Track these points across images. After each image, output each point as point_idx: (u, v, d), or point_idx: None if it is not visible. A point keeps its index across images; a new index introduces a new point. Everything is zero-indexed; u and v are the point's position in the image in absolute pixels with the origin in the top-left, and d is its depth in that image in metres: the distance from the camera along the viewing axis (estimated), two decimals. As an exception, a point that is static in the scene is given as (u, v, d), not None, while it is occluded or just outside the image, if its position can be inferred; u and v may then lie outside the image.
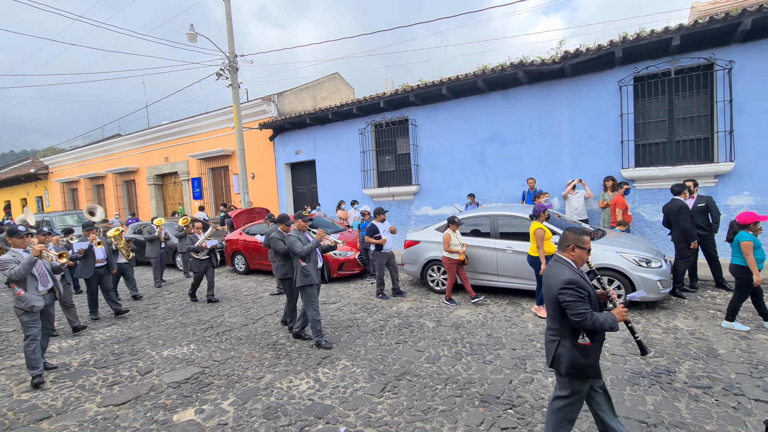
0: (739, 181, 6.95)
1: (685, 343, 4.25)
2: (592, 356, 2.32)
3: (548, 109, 8.54)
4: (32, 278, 4.24)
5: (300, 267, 4.70)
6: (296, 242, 4.72)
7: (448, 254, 6.07)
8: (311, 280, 4.72)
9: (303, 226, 4.94)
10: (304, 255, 4.65)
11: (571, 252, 2.45)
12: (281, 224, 5.32)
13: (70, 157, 21.49)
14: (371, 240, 6.56)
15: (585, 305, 2.24)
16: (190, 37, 11.16)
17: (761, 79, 6.65)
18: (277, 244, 5.18)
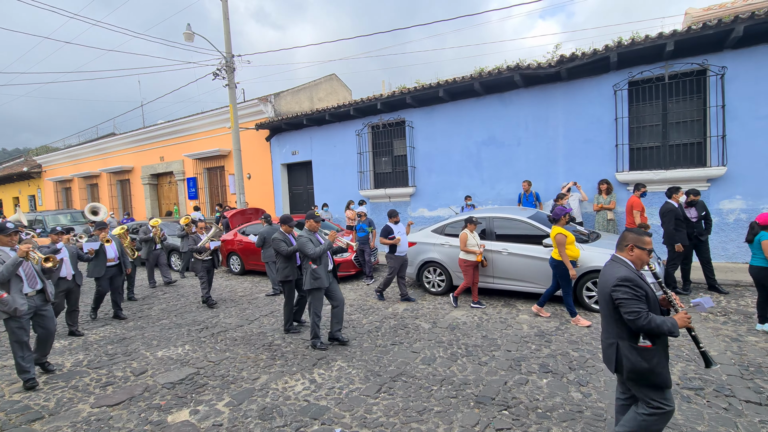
0: (731, 185, 7.04)
1: (677, 345, 4.29)
2: (654, 360, 2.15)
3: (544, 112, 8.61)
4: (17, 280, 3.95)
5: (310, 269, 4.56)
6: (308, 243, 4.56)
7: (464, 255, 5.92)
8: (321, 283, 4.58)
9: (315, 227, 4.76)
10: (316, 257, 4.50)
11: (629, 252, 2.35)
12: (284, 225, 5.24)
13: (64, 155, 21.31)
14: (385, 241, 6.32)
15: (640, 304, 2.12)
16: (186, 36, 11.13)
17: (753, 84, 6.75)
18: (280, 245, 5.09)
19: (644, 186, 6.92)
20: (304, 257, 5.05)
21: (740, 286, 6.07)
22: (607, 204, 7.64)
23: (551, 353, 4.26)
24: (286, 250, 5.08)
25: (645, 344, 2.16)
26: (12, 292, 3.89)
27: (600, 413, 3.12)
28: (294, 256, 5.24)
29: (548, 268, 5.69)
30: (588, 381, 3.63)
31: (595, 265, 5.36)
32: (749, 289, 5.96)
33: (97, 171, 19.34)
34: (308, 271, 4.59)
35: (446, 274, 6.67)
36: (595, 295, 5.47)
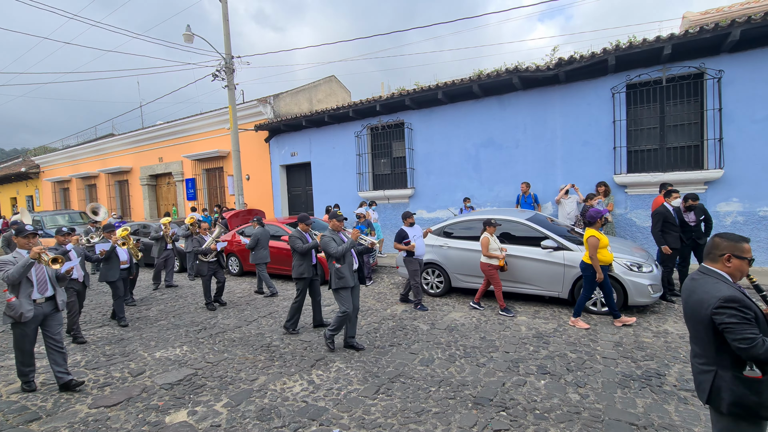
0: (728, 187, 7.07)
1: (675, 346, 4.31)
2: (766, 393, 1.79)
3: (542, 114, 8.64)
4: (27, 284, 3.76)
5: (334, 269, 4.53)
6: (331, 243, 4.53)
7: (486, 259, 5.70)
8: (346, 282, 4.53)
9: (338, 226, 4.72)
10: (340, 256, 4.48)
11: (725, 263, 1.95)
12: (301, 223, 5.26)
13: (62, 156, 21.26)
14: (401, 247, 6.08)
15: (752, 328, 1.75)
16: (186, 37, 11.14)
17: (749, 88, 6.80)
18: (296, 243, 5.10)
19: (671, 185, 6.44)
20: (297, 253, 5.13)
21: (737, 288, 6.09)
22: (604, 206, 7.66)
23: (549, 355, 4.27)
24: (301, 247, 5.07)
25: (755, 375, 1.80)
26: (20, 296, 3.71)
27: (597, 414, 3.13)
28: (309, 254, 5.22)
29: (546, 269, 5.72)
30: (586, 382, 3.64)
31: (593, 267, 5.36)
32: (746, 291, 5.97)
33: (95, 172, 19.30)
34: (332, 271, 4.54)
35: (444, 275, 6.68)
36: (594, 298, 5.48)
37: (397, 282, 7.96)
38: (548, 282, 5.76)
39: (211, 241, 6.70)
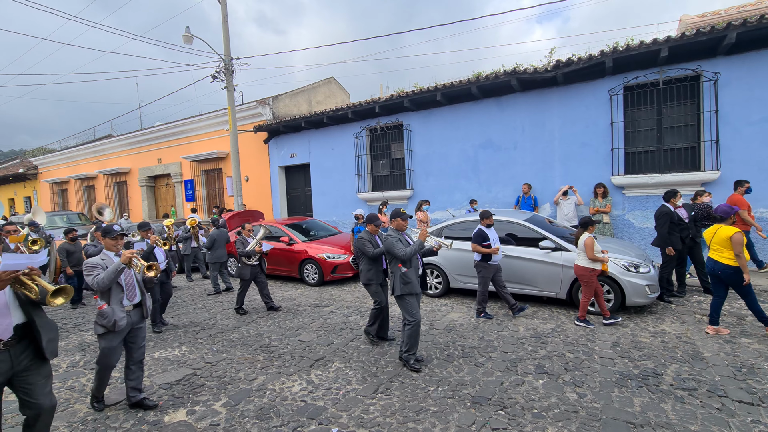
0: (724, 189, 7.10)
1: (672, 346, 4.33)
2: None
3: (540, 116, 8.69)
4: (118, 289, 3.39)
5: (400, 273, 4.09)
6: (397, 244, 4.09)
7: (587, 263, 4.98)
8: (412, 288, 4.11)
9: (402, 225, 4.32)
10: (407, 258, 4.07)
11: None
12: (370, 224, 4.83)
13: (61, 157, 21.24)
14: (479, 249, 5.40)
15: None
16: (185, 39, 11.17)
17: (745, 90, 6.85)
18: (366, 247, 4.66)
19: (747, 182, 6.22)
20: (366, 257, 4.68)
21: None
22: (603, 207, 7.71)
23: (547, 354, 4.29)
24: (372, 252, 4.64)
25: None
26: (112, 302, 3.33)
27: (595, 413, 3.15)
28: (380, 259, 4.76)
29: (544, 270, 5.74)
30: (583, 382, 3.66)
31: (590, 268, 5.39)
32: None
33: (93, 173, 19.29)
34: (397, 275, 4.11)
35: (443, 276, 6.70)
36: (590, 298, 5.50)
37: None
38: (546, 282, 5.79)
39: (255, 243, 6.32)
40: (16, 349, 2.39)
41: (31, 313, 2.42)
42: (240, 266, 6.39)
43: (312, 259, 8.12)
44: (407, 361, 4.11)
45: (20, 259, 2.12)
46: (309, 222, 9.83)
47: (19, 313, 2.40)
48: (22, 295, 2.38)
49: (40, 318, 2.47)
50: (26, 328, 2.42)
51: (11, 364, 2.37)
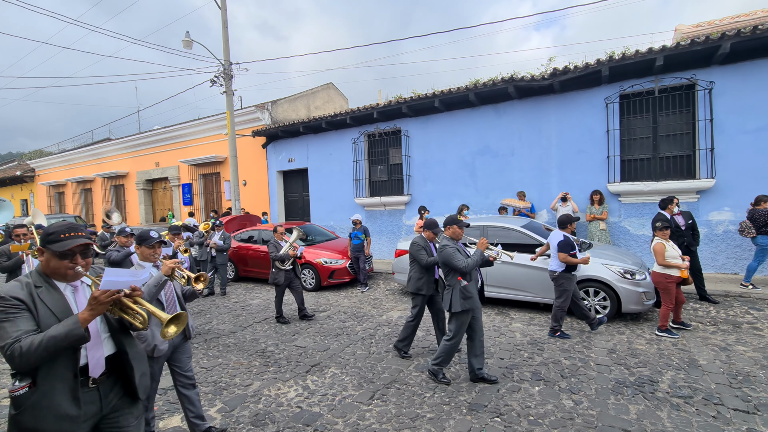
0: (719, 197, 7.17)
1: (667, 354, 4.34)
2: None
3: (537, 123, 8.75)
4: (158, 307, 2.81)
5: (459, 287, 3.75)
6: (456, 255, 3.76)
7: (662, 269, 4.75)
8: (473, 303, 3.78)
9: (459, 234, 3.98)
10: (469, 270, 3.75)
11: None
12: (427, 231, 4.50)
13: (58, 160, 21.20)
14: (569, 259, 4.81)
15: None
16: (185, 43, 11.22)
17: (739, 99, 6.93)
18: (420, 254, 4.38)
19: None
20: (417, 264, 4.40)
21: (729, 296, 6.16)
22: (599, 214, 7.74)
23: (543, 361, 4.29)
24: (426, 261, 4.35)
25: None
26: (151, 324, 2.70)
27: (591, 420, 3.15)
28: (432, 268, 4.47)
29: (541, 276, 5.74)
30: (579, 389, 3.66)
31: (587, 274, 5.42)
32: (738, 299, 6.05)
33: (91, 176, 19.24)
34: (456, 289, 3.76)
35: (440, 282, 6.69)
36: (587, 304, 5.52)
37: (393, 288, 7.97)
38: (543, 289, 5.80)
39: (289, 246, 6.00)
40: (105, 386, 1.89)
41: (123, 342, 1.94)
42: (274, 271, 6.03)
43: (309, 263, 8.11)
44: (436, 374, 3.88)
45: (123, 276, 1.70)
46: (306, 227, 9.83)
47: (110, 343, 1.90)
48: (114, 321, 1.91)
49: (132, 348, 1.98)
50: (115, 360, 1.93)
51: (100, 405, 1.86)
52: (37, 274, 1.78)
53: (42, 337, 1.56)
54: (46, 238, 1.77)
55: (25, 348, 1.53)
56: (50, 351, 1.56)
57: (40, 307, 1.69)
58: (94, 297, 1.65)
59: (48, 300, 1.73)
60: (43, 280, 1.77)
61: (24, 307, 1.65)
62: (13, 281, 1.72)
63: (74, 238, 1.79)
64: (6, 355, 1.54)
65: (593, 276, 5.41)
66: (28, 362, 1.55)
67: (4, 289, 1.65)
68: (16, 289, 1.67)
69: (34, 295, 1.70)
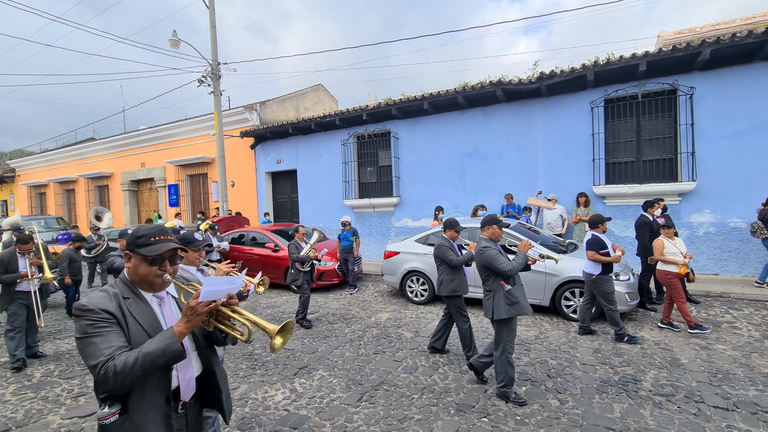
0: (700, 199, 7.36)
1: (650, 353, 4.43)
2: None
3: (525, 126, 8.86)
4: None
5: (503, 291, 3.51)
6: (499, 257, 3.51)
7: (661, 266, 4.98)
8: (520, 309, 3.49)
9: (500, 234, 3.73)
10: (514, 274, 3.50)
11: None
12: (449, 230, 4.45)
13: (40, 160, 20.69)
14: (599, 258, 4.73)
15: None
16: (172, 43, 11.08)
17: (719, 105, 7.13)
18: (447, 254, 4.31)
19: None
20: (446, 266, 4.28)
21: (710, 296, 6.31)
22: (585, 216, 7.86)
23: (530, 361, 4.34)
24: (455, 261, 4.29)
25: None
26: None
27: (576, 419, 3.19)
28: (462, 267, 4.44)
29: (528, 277, 5.80)
30: (565, 388, 3.71)
31: (572, 275, 5.50)
32: (718, 299, 6.20)
33: (74, 176, 18.82)
34: (499, 294, 3.52)
35: (429, 283, 6.73)
36: (572, 305, 5.61)
37: (382, 290, 7.97)
38: (530, 290, 5.84)
39: (309, 248, 5.84)
40: (193, 411, 1.71)
41: (211, 360, 1.75)
42: (293, 272, 5.87)
43: (298, 265, 8.05)
44: (507, 397, 3.51)
45: (222, 284, 1.51)
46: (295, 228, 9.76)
47: (197, 362, 1.71)
48: (200, 336, 1.72)
49: (218, 367, 1.80)
50: (202, 381, 1.74)
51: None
52: (122, 284, 1.60)
53: (136, 354, 1.38)
54: (135, 241, 1.59)
55: (119, 366, 1.35)
56: (146, 370, 1.38)
57: (129, 320, 1.51)
58: (190, 307, 1.46)
59: (137, 312, 1.55)
60: (130, 290, 1.59)
61: (114, 320, 1.47)
62: (100, 291, 1.54)
63: (164, 242, 1.60)
64: (99, 375, 1.35)
65: (578, 277, 5.48)
66: (123, 383, 1.37)
67: (93, 301, 1.48)
68: (105, 301, 1.50)
69: (123, 307, 1.52)
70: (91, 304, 1.45)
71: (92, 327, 1.42)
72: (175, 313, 1.68)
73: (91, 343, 1.40)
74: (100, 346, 1.39)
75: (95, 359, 1.37)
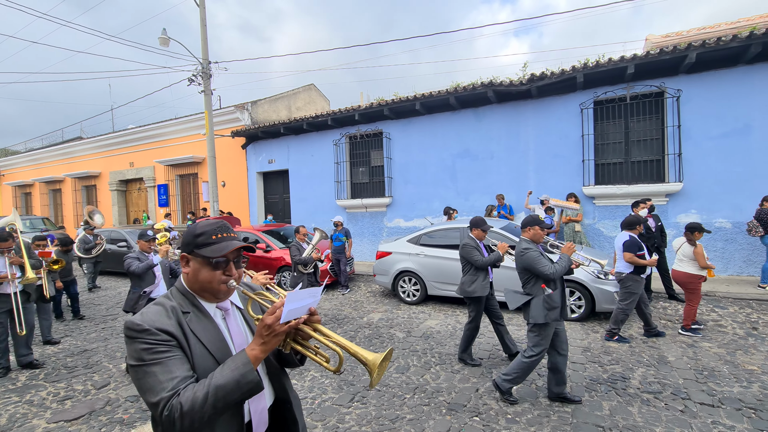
0: (687, 200, 7.49)
1: (638, 351, 4.49)
2: None
3: (516, 127, 8.94)
4: None
5: (544, 295, 3.35)
6: (541, 259, 3.38)
7: (695, 270, 4.75)
8: (557, 314, 3.35)
9: (541, 236, 3.59)
10: (556, 278, 3.37)
11: None
12: (476, 229, 4.34)
13: (25, 159, 20.28)
14: (635, 260, 4.66)
15: None
16: (162, 41, 10.94)
17: (705, 107, 7.27)
18: (473, 255, 4.20)
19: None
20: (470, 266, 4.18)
21: (696, 295, 6.42)
22: (574, 216, 7.96)
23: (521, 360, 4.36)
24: (480, 261, 4.16)
25: None
26: None
27: (566, 417, 3.23)
28: (487, 269, 4.30)
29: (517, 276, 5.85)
30: (555, 387, 3.74)
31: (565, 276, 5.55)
32: (704, 298, 6.31)
33: (60, 176, 18.48)
34: (540, 298, 3.36)
35: (421, 283, 6.75)
36: (563, 304, 5.66)
37: (374, 290, 7.96)
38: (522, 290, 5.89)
39: (311, 249, 5.71)
40: None
41: (285, 387, 1.47)
42: (296, 275, 5.70)
43: (289, 266, 8.01)
44: (502, 390, 3.47)
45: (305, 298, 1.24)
46: (287, 229, 9.72)
47: (270, 389, 1.43)
48: (273, 359, 1.45)
49: (293, 393, 1.51)
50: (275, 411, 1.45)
51: None
52: (180, 294, 1.32)
53: (206, 387, 1.10)
54: (194, 241, 1.31)
55: (186, 406, 1.08)
56: (218, 408, 1.11)
57: (192, 341, 1.22)
58: (267, 325, 1.18)
59: (199, 330, 1.25)
60: (190, 303, 1.30)
61: (174, 342, 1.18)
62: (154, 305, 1.26)
63: (228, 239, 1.34)
64: (162, 417, 1.08)
65: (568, 277, 5.54)
66: (192, 426, 1.09)
67: (147, 318, 1.19)
68: (162, 318, 1.21)
69: (183, 324, 1.23)
70: (146, 322, 1.18)
71: (149, 352, 1.14)
72: (242, 328, 1.39)
73: (148, 374, 1.12)
74: (161, 378, 1.11)
75: (155, 395, 1.09)
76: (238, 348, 1.31)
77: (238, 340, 1.34)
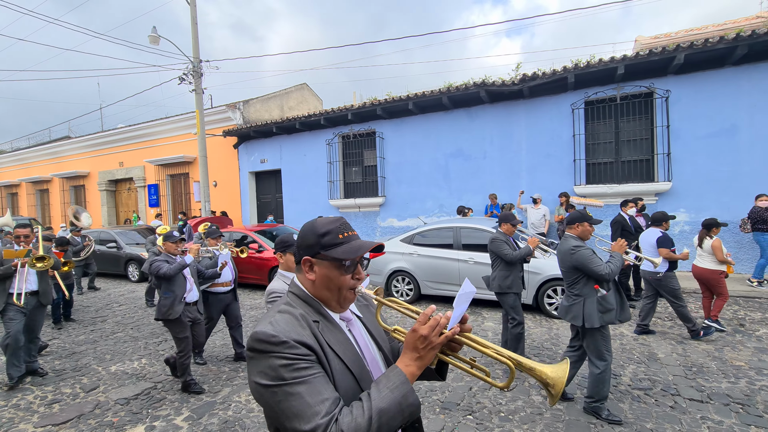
0: (676, 199, 7.60)
1: (629, 348, 4.55)
2: None
3: (508, 127, 8.99)
4: None
5: (597, 297, 3.13)
6: (595, 258, 3.14)
7: (714, 265, 4.81)
8: (612, 317, 3.12)
9: (590, 232, 3.34)
10: (611, 278, 3.12)
11: None
12: (505, 224, 4.26)
13: (11, 158, 19.92)
14: (672, 255, 4.64)
15: None
16: (152, 39, 10.81)
17: (693, 107, 7.38)
18: (503, 248, 4.12)
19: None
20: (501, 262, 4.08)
21: (685, 292, 6.50)
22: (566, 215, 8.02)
23: (514, 359, 4.38)
24: (510, 256, 4.06)
25: None
26: None
27: (558, 415, 3.25)
28: (519, 264, 4.22)
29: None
30: (548, 384, 3.76)
31: (555, 274, 5.60)
32: (692, 295, 6.41)
33: (48, 176, 18.18)
34: (592, 300, 3.13)
35: (414, 283, 6.75)
36: (555, 302, 5.72)
37: (368, 290, 7.94)
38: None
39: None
40: None
41: None
42: None
43: (282, 266, 7.96)
44: (599, 413, 3.13)
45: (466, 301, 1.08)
46: (279, 229, 9.66)
47: None
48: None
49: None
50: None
51: None
52: (302, 302, 1.13)
53: (367, 411, 0.93)
54: (319, 241, 1.11)
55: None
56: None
57: (330, 356, 1.04)
58: (423, 336, 1.01)
59: (334, 343, 1.07)
60: (316, 311, 1.12)
61: (314, 357, 1.00)
62: (283, 314, 1.06)
63: (356, 238, 1.16)
64: None
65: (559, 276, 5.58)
66: None
67: (281, 328, 0.99)
68: (297, 328, 1.02)
69: (318, 335, 1.05)
70: (282, 333, 0.98)
71: (290, 369, 0.95)
72: (366, 339, 1.21)
73: (292, 395, 0.93)
74: (309, 400, 0.92)
75: (307, 421, 0.90)
76: (370, 363, 1.15)
77: (367, 353, 1.16)
